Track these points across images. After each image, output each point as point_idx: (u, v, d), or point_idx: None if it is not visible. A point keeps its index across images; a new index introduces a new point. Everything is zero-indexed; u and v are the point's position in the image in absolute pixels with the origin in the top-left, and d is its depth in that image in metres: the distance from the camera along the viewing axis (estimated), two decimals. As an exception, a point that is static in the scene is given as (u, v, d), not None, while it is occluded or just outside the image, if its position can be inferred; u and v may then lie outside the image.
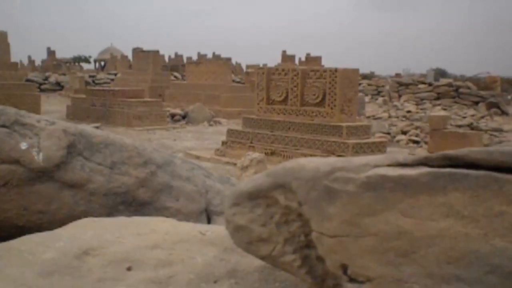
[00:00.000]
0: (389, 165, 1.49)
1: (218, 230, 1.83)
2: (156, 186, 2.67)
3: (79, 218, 2.43)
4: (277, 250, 1.56)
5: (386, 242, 1.40)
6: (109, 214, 2.53)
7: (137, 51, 27.90)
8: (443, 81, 30.68)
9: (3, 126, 2.55)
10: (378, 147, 10.33)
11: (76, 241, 1.80)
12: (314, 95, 10.62)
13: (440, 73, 56.67)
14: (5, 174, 2.43)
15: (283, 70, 11.37)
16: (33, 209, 2.48)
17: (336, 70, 10.46)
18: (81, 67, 63.40)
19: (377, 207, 1.41)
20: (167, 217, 2.53)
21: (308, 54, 45.03)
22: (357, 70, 11.00)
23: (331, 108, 10.40)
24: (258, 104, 11.63)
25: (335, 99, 10.34)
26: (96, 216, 2.45)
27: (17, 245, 1.84)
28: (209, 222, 2.76)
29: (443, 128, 10.78)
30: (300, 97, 10.85)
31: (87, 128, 2.68)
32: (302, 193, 1.53)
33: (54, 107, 22.67)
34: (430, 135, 11.26)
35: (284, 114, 11.12)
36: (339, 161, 1.55)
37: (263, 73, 11.57)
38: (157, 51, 28.01)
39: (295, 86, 10.92)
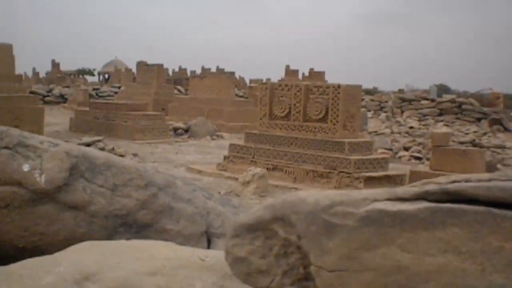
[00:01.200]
0: (388, 199, 1.49)
1: (217, 255, 1.83)
2: (157, 208, 2.68)
3: (80, 239, 2.45)
4: (276, 282, 1.57)
5: (384, 277, 1.40)
6: (110, 236, 2.56)
7: (141, 65, 28.00)
8: (446, 97, 30.71)
9: (6, 147, 2.55)
10: (380, 163, 10.34)
11: (76, 266, 1.79)
12: (317, 111, 10.64)
13: (443, 89, 56.71)
14: (7, 195, 2.45)
15: (286, 85, 11.40)
16: (34, 231, 2.50)
17: (339, 86, 10.48)
18: (85, 80, 63.58)
19: (376, 241, 1.42)
20: (167, 239, 2.57)
21: (311, 69, 45.11)
22: (360, 86, 11.03)
23: (334, 124, 10.41)
24: (260, 119, 11.65)
25: (337, 115, 10.36)
26: (96, 238, 2.48)
27: (17, 270, 1.85)
28: (209, 244, 2.76)
29: (445, 145, 10.77)
30: (302, 113, 10.87)
31: (89, 150, 2.69)
32: (302, 227, 1.54)
33: (57, 119, 22.73)
34: (432, 152, 11.25)
35: (287, 129, 11.14)
36: (339, 195, 1.56)
37: (266, 89, 11.60)
38: (161, 65, 28.11)
39: (298, 102, 10.94)
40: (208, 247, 2.78)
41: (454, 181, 2.06)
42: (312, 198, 1.57)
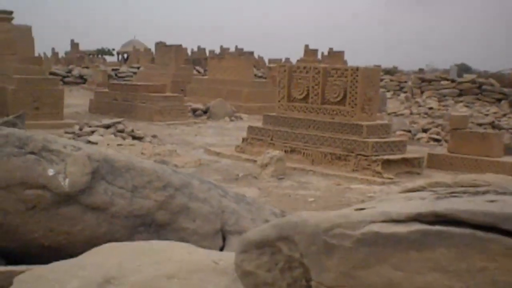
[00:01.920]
0: (383, 221, 1.60)
1: (229, 258, 1.94)
2: (174, 208, 2.81)
3: (102, 238, 2.61)
4: (281, 293, 1.74)
5: (378, 292, 1.57)
6: (130, 235, 2.71)
7: (159, 45, 28.08)
8: (466, 77, 30.43)
9: (32, 153, 2.70)
10: (398, 146, 10.36)
11: (99, 270, 1.92)
12: (335, 93, 10.66)
13: (464, 69, 56.09)
14: (33, 198, 2.60)
15: (304, 68, 11.42)
16: (58, 230, 2.65)
17: (357, 69, 10.49)
18: (104, 60, 63.83)
19: (370, 261, 1.54)
20: (184, 237, 2.73)
21: (330, 49, 44.89)
22: (379, 69, 11.03)
23: (352, 107, 10.43)
24: (279, 101, 11.69)
25: (355, 98, 10.37)
26: (117, 237, 2.64)
27: (46, 273, 1.98)
28: (224, 241, 2.90)
29: (463, 128, 10.76)
30: (321, 95, 10.90)
31: (110, 153, 2.81)
32: (304, 246, 1.68)
33: (77, 100, 22.94)
34: (450, 135, 11.25)
35: (305, 112, 11.17)
36: (338, 217, 1.68)
37: (284, 71, 11.63)
38: (180, 45, 28.17)
39: (316, 84, 10.96)
40: (223, 244, 2.91)
41: (459, 185, 2.15)
42: (313, 220, 1.70)
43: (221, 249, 2.91)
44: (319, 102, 10.92)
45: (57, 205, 2.63)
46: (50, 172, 2.63)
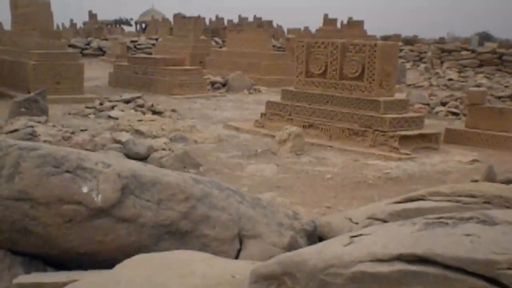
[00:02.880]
0: (370, 261, 1.94)
1: (246, 272, 2.21)
2: (196, 218, 3.07)
3: (131, 246, 2.94)
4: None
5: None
6: (156, 242, 3.00)
7: (178, 17, 28.08)
8: (487, 46, 30.13)
9: (67, 171, 2.98)
10: (416, 122, 10.39)
11: (131, 284, 2.14)
12: (353, 69, 10.69)
13: (485, 37, 55.32)
14: (70, 212, 2.92)
15: (322, 43, 11.43)
16: (93, 240, 2.95)
17: (375, 44, 10.49)
18: (123, 30, 63.84)
19: None
20: (205, 242, 3.02)
21: (350, 18, 44.47)
22: (397, 44, 11.02)
23: (370, 83, 10.46)
24: (297, 77, 11.75)
25: (373, 74, 10.40)
26: (145, 245, 2.95)
27: (83, 286, 2.17)
28: (241, 244, 3.15)
29: (481, 103, 10.76)
30: (339, 71, 10.93)
31: (138, 168, 3.13)
32: (304, 282, 2.04)
33: (96, 73, 23.13)
34: (468, 110, 11.25)
35: (323, 87, 11.22)
36: (332, 258, 2.03)
37: (302, 46, 11.65)
38: (198, 17, 28.17)
39: (334, 60, 10.99)
40: (240, 247, 3.15)
41: (456, 195, 2.34)
42: (312, 260, 2.06)
43: (239, 252, 3.14)
44: (337, 78, 10.96)
45: (91, 218, 2.95)
46: (84, 189, 2.92)
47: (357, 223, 3.24)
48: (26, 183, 2.94)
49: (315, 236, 3.57)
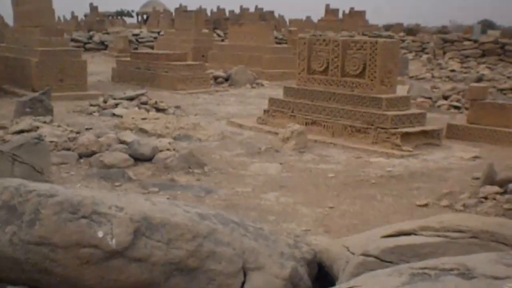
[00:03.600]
0: None
1: None
2: (203, 255, 3.26)
3: (143, 282, 3.18)
4: None
5: None
6: (166, 279, 3.21)
7: (179, 11, 28.10)
8: (490, 35, 30.12)
9: (83, 217, 3.20)
10: (417, 118, 10.47)
11: None
12: (355, 66, 10.76)
13: (488, 25, 55.15)
14: (87, 255, 3.15)
15: (324, 40, 11.49)
16: (108, 279, 3.18)
17: (376, 42, 10.56)
18: (124, 21, 63.81)
19: None
20: (211, 277, 3.22)
21: (351, 8, 44.44)
22: (398, 41, 11.07)
23: (371, 80, 10.53)
24: (299, 74, 11.82)
25: (375, 71, 10.47)
26: (156, 282, 3.16)
27: None
28: (245, 276, 3.32)
29: (482, 99, 10.83)
30: (340, 68, 11.00)
31: (148, 209, 3.33)
32: None
33: (99, 67, 23.23)
34: (469, 105, 11.33)
35: (325, 84, 11.30)
36: None
37: (304, 43, 11.71)
38: (200, 11, 28.19)
39: (335, 57, 11.05)
40: (244, 279, 3.33)
41: (445, 229, 2.49)
42: None
43: (243, 284, 3.30)
44: (339, 75, 11.03)
45: (106, 260, 3.17)
46: (100, 234, 3.16)
47: (353, 253, 3.37)
48: (46, 229, 3.18)
49: (315, 263, 3.76)
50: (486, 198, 6.81)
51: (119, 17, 70.28)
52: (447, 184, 7.96)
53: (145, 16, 67.41)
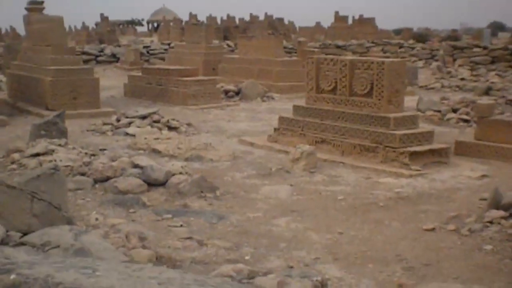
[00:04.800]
0: None
1: None
2: None
3: None
4: None
5: None
6: None
7: (189, 24, 28.37)
8: (500, 39, 30.16)
9: None
10: (425, 137, 10.60)
11: None
12: (362, 85, 10.92)
13: (498, 27, 54.98)
14: None
15: (331, 60, 11.66)
16: None
17: (383, 62, 10.72)
18: (135, 30, 64.29)
19: None
20: None
21: (361, 16, 44.61)
22: (404, 61, 11.23)
23: (379, 99, 10.69)
24: (308, 93, 11.99)
25: (382, 91, 10.62)
26: None
27: None
28: None
29: (489, 116, 10.95)
30: (348, 87, 11.17)
31: None
32: None
33: (111, 81, 23.55)
34: (477, 122, 11.45)
35: (334, 103, 11.47)
36: None
37: (312, 62, 11.89)
38: (210, 20, 28.42)
39: (343, 77, 11.22)
40: None
41: None
42: None
43: None
44: (347, 94, 11.20)
45: None
46: None
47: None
48: None
49: None
50: (491, 222, 6.94)
51: (129, 26, 70.74)
52: (454, 205, 8.10)
53: (155, 24, 67.88)
